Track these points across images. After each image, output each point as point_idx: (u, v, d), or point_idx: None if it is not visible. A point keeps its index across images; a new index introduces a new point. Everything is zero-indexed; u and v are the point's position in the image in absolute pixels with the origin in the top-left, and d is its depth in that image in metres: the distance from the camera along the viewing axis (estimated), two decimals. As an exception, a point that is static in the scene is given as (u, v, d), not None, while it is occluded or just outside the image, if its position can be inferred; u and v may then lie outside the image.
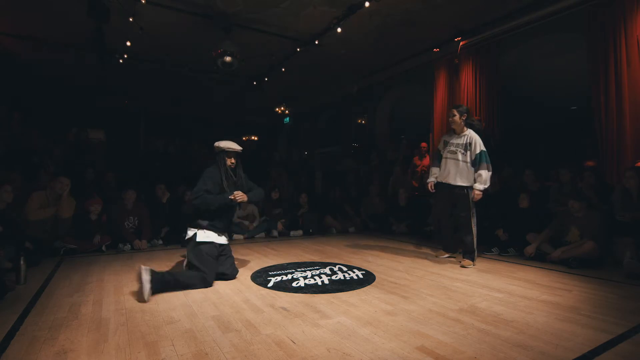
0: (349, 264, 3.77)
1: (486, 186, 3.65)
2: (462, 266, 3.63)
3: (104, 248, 4.48)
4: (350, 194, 7.44)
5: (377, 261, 3.94)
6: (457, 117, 3.79)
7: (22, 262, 2.99)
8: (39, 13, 5.48)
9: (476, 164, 3.67)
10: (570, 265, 3.53)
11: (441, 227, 4.14)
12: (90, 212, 4.55)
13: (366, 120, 9.24)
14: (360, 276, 3.24)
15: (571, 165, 4.98)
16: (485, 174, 3.63)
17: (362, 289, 2.86)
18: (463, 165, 3.73)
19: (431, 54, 6.77)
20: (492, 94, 5.97)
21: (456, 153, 3.76)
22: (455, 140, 3.82)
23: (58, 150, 6.44)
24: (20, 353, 1.76)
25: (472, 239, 3.71)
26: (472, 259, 3.69)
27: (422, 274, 3.37)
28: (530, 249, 3.95)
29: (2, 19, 5.78)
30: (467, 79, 6.28)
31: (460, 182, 3.75)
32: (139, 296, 2.55)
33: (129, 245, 4.57)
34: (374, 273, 3.37)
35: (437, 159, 4.01)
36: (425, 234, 5.61)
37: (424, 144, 7.35)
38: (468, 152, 3.73)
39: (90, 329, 2.04)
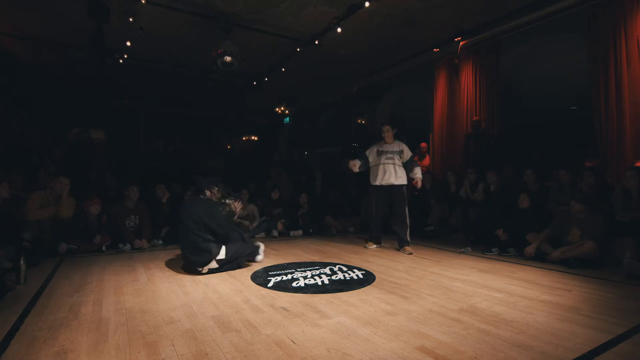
0: (349, 264, 3.77)
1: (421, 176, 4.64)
2: (410, 253, 4.33)
3: (104, 248, 4.48)
4: (350, 194, 7.44)
5: (377, 261, 3.94)
6: (391, 132, 4.65)
7: (22, 262, 2.99)
8: (39, 13, 5.48)
9: (409, 165, 4.62)
10: (570, 265, 3.53)
11: (373, 222, 4.89)
12: (90, 212, 4.56)
13: (366, 120, 9.23)
14: (360, 276, 3.24)
15: (571, 165, 4.98)
16: (419, 170, 4.65)
17: (362, 289, 2.86)
18: (398, 168, 4.58)
19: (431, 54, 6.77)
20: (492, 94, 5.97)
21: (393, 159, 4.59)
22: (390, 149, 4.63)
23: (58, 150, 6.44)
24: (20, 353, 1.76)
25: (407, 229, 4.56)
26: (409, 246, 4.48)
27: (422, 274, 3.37)
28: (530, 249, 3.95)
29: (2, 19, 5.79)
30: (467, 79, 6.29)
31: (399, 182, 4.57)
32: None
33: (129, 245, 4.56)
34: (374, 273, 3.37)
35: (362, 159, 4.77)
36: (425, 234, 5.60)
37: (423, 144, 7.35)
38: (401, 158, 4.61)
39: (90, 329, 2.04)
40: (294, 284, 2.96)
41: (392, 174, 4.56)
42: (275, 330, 2.01)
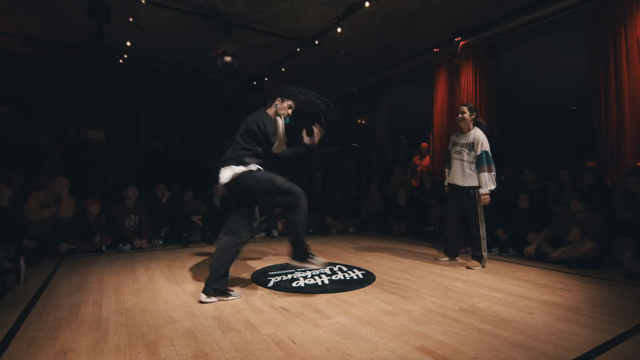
0: (349, 264, 3.77)
1: (490, 188, 3.51)
2: (468, 267, 3.58)
3: (104, 248, 4.48)
4: (350, 194, 7.44)
5: (377, 261, 3.94)
6: (467, 115, 3.64)
7: (22, 262, 3.00)
8: (39, 13, 5.48)
9: (477, 165, 3.56)
10: (570, 265, 3.53)
11: (447, 230, 3.96)
12: (90, 212, 4.56)
13: (366, 120, 9.23)
14: (360, 276, 3.24)
15: (571, 165, 4.98)
16: (483, 177, 3.50)
17: (362, 289, 2.86)
18: (467, 165, 3.62)
19: (431, 54, 6.76)
20: (492, 94, 5.96)
21: (462, 153, 3.66)
22: (461, 140, 3.70)
23: (58, 150, 6.44)
24: (20, 353, 1.76)
25: (481, 241, 3.60)
26: (480, 261, 3.61)
27: (422, 274, 3.37)
28: (530, 249, 3.95)
29: (2, 19, 5.78)
30: (467, 79, 6.28)
31: (467, 183, 3.62)
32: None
33: (129, 245, 4.56)
34: (374, 273, 3.37)
35: (447, 161, 3.91)
36: (425, 234, 5.61)
37: (424, 144, 7.36)
38: (472, 153, 3.61)
39: (90, 329, 2.04)
40: (294, 284, 2.96)
41: (459, 173, 3.66)
42: (275, 330, 2.01)
